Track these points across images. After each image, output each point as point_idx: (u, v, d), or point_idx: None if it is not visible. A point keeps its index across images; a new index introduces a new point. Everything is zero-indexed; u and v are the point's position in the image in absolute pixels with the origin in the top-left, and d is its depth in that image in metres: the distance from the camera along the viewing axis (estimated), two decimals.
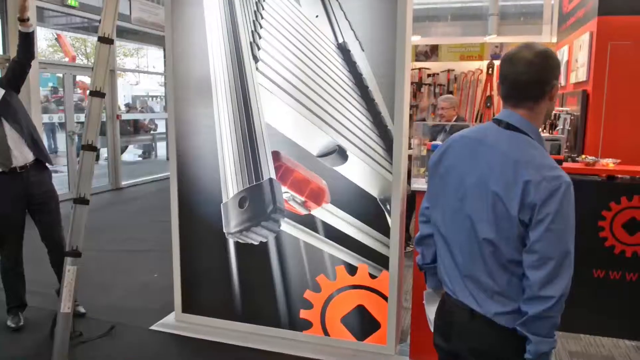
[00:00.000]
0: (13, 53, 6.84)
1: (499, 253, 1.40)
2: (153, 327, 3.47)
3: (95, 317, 3.58)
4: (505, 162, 1.39)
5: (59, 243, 3.47)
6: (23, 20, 3.30)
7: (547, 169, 1.35)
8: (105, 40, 2.91)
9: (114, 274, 4.55)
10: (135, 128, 12.51)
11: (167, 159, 12.41)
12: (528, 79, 1.42)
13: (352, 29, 2.92)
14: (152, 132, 13.05)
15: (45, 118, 8.37)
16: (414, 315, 3.05)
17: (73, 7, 8.03)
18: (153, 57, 16.89)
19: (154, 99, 21.26)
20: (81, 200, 2.89)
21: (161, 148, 13.20)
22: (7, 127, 3.31)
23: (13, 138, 3.32)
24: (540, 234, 1.33)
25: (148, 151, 13.24)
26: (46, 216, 3.51)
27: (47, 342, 3.14)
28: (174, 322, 3.51)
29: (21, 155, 3.36)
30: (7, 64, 3.44)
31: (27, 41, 3.38)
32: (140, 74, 19.93)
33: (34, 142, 3.42)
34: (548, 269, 1.33)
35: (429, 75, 7.03)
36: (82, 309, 3.64)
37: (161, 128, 13.54)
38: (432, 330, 1.68)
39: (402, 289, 3.24)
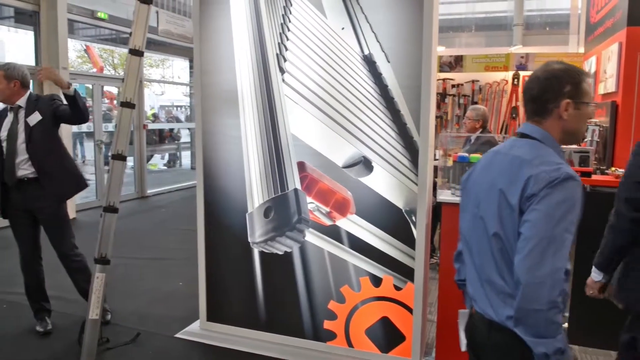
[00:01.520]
0: (45, 64, 7.06)
1: (505, 249, 1.43)
2: (178, 335, 3.50)
3: (121, 324, 3.63)
4: (513, 162, 1.45)
5: (66, 255, 3.53)
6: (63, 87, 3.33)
7: (550, 164, 1.38)
8: (136, 53, 2.99)
9: (139, 282, 4.61)
10: (160, 137, 12.73)
11: (192, 168, 12.60)
12: (531, 95, 1.52)
13: (378, 41, 2.93)
14: (176, 141, 13.26)
15: (75, 127, 8.56)
16: (440, 329, 3.02)
17: (103, 20, 8.24)
18: (178, 67, 17.20)
19: (179, 108, 21.61)
20: (110, 209, 2.95)
21: (185, 157, 13.39)
22: (21, 147, 3.36)
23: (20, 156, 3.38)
24: (526, 215, 1.36)
25: (173, 160, 13.44)
26: (48, 230, 3.52)
27: (74, 347, 3.20)
28: (199, 330, 3.53)
29: (22, 170, 3.38)
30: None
31: (74, 104, 3.35)
32: (165, 84, 20.28)
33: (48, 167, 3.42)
34: (527, 251, 1.32)
35: (453, 86, 6.99)
36: (108, 316, 3.70)
37: (185, 138, 13.75)
38: (462, 349, 1.68)
39: (427, 301, 3.21)
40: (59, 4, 7.05)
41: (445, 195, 3.01)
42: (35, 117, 3.37)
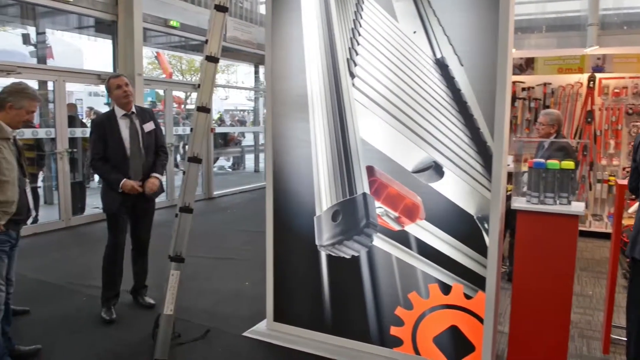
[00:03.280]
0: (122, 71, 7.45)
1: None
2: (245, 334, 3.58)
3: (191, 320, 3.76)
4: None
5: (148, 243, 4.09)
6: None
7: None
8: (212, 59, 3.10)
9: (207, 280, 4.76)
10: (225, 141, 13.11)
11: (255, 170, 12.89)
12: None
13: (451, 44, 2.88)
14: (240, 144, 13.63)
15: None
16: (512, 340, 2.92)
17: (174, 28, 8.60)
18: (242, 72, 17.68)
19: (242, 112, 22.16)
20: (186, 209, 3.06)
21: (248, 160, 13.72)
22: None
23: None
24: None
25: (237, 163, 13.81)
26: (144, 222, 4.02)
27: (148, 340, 3.35)
28: (266, 330, 3.60)
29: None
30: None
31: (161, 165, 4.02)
32: (229, 89, 20.90)
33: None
34: None
35: (523, 89, 6.74)
36: (151, 300, 4.08)
37: (248, 141, 14.10)
38: None
39: (497, 311, 3.11)
40: (135, 13, 7.43)
41: (520, 202, 2.91)
42: (150, 126, 3.86)
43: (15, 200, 2.85)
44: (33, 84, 6.26)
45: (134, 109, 3.84)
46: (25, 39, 7.82)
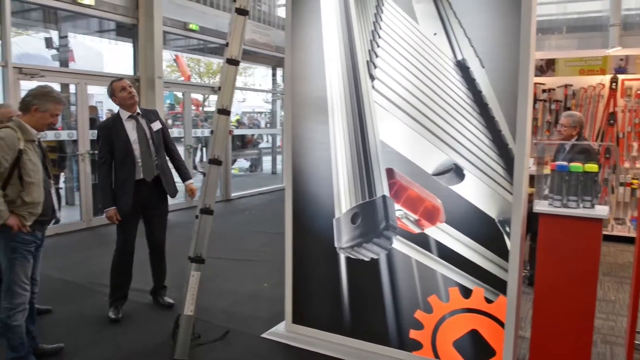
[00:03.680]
0: (142, 74, 7.55)
1: None
2: (264, 335, 3.60)
3: (210, 321, 3.79)
4: None
5: (164, 243, 4.10)
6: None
7: None
8: (233, 62, 3.12)
9: (226, 281, 4.79)
10: (242, 143, 13.18)
11: (272, 172, 12.93)
12: None
13: (472, 46, 2.86)
14: (258, 146, 13.69)
15: None
16: (534, 345, 2.88)
17: (194, 31, 8.68)
18: (259, 75, 17.77)
19: (260, 115, 22.27)
20: (206, 211, 3.09)
21: (266, 162, 13.77)
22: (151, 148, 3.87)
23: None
24: None
25: (254, 165, 13.88)
26: (158, 223, 4.04)
27: (168, 340, 3.38)
28: (284, 331, 3.61)
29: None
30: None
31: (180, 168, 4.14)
32: (246, 91, 21.01)
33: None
34: None
35: (544, 91, 6.66)
36: (170, 300, 4.12)
37: (265, 143, 14.15)
38: None
39: (519, 315, 3.07)
40: (156, 17, 7.52)
41: (542, 206, 2.87)
42: (157, 125, 3.90)
43: (41, 201, 2.91)
44: (56, 87, 6.37)
45: (138, 110, 3.87)
46: (48, 42, 7.96)
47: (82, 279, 4.76)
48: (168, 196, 3.99)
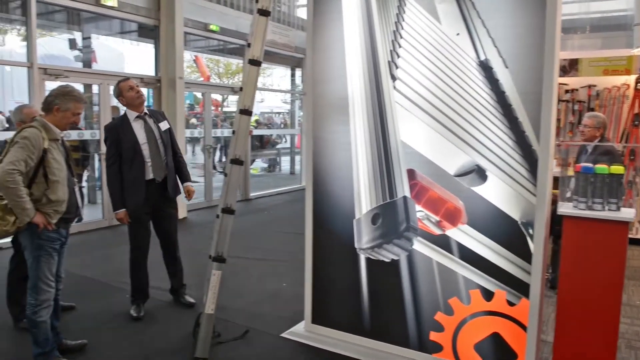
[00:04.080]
0: (163, 75, 7.63)
1: None
2: (284, 335, 3.61)
3: (230, 320, 3.81)
4: None
5: (176, 242, 4.12)
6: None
7: None
8: (255, 63, 3.14)
9: (245, 280, 4.82)
10: (261, 143, 13.24)
11: (290, 173, 12.97)
12: None
13: (496, 46, 2.84)
14: (276, 147, 13.75)
15: (187, 133, 9.16)
16: (557, 350, 2.84)
17: (214, 32, 8.75)
18: (277, 75, 17.83)
19: (278, 115, 22.36)
20: (228, 210, 3.11)
21: (284, 162, 13.82)
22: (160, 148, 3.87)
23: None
24: None
25: (273, 165, 13.93)
26: (171, 223, 4.08)
27: (189, 338, 3.41)
28: (304, 331, 3.61)
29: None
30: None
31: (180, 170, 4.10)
32: (263, 92, 21.11)
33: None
34: None
35: (566, 91, 6.56)
36: (191, 299, 4.14)
37: (283, 143, 14.20)
38: None
39: (542, 319, 3.03)
40: (177, 18, 7.60)
41: (567, 208, 2.83)
42: (165, 125, 3.91)
43: (66, 199, 2.96)
44: (79, 87, 6.47)
45: (145, 110, 3.88)
46: (72, 44, 8.10)
47: (104, 277, 4.83)
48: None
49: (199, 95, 15.01)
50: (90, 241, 6.30)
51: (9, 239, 3.49)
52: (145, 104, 3.98)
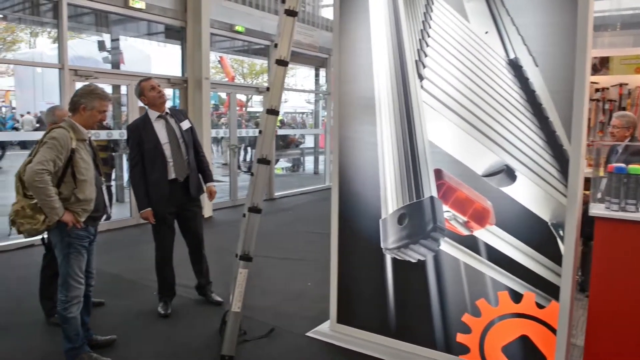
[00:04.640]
0: (190, 75, 7.72)
1: None
2: (309, 334, 3.62)
3: (256, 318, 3.84)
4: None
5: (203, 239, 4.17)
6: None
7: None
8: (282, 63, 3.15)
9: (270, 280, 4.85)
10: (285, 143, 13.30)
11: (314, 172, 12.99)
12: None
13: (525, 44, 2.79)
14: (300, 147, 13.80)
15: (213, 132, 9.25)
16: (588, 355, 2.78)
17: (239, 33, 8.82)
18: (301, 75, 17.89)
19: (302, 115, 22.43)
20: (255, 209, 3.13)
21: (308, 162, 13.86)
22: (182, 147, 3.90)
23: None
24: None
25: (296, 165, 13.98)
26: (197, 221, 4.12)
27: (215, 336, 3.45)
28: (329, 331, 3.62)
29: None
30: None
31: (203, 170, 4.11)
32: (288, 92, 21.21)
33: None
34: None
35: (597, 90, 6.41)
36: (219, 298, 4.17)
37: (308, 143, 14.24)
38: None
39: (572, 322, 2.98)
40: (203, 19, 7.68)
41: (598, 209, 2.77)
42: (187, 124, 3.94)
43: (93, 198, 3.02)
44: (107, 88, 6.61)
45: (167, 110, 3.91)
46: (101, 45, 8.27)
47: (132, 274, 4.92)
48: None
49: (223, 95, 15.16)
50: (118, 239, 6.42)
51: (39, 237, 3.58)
52: (169, 104, 4.04)
